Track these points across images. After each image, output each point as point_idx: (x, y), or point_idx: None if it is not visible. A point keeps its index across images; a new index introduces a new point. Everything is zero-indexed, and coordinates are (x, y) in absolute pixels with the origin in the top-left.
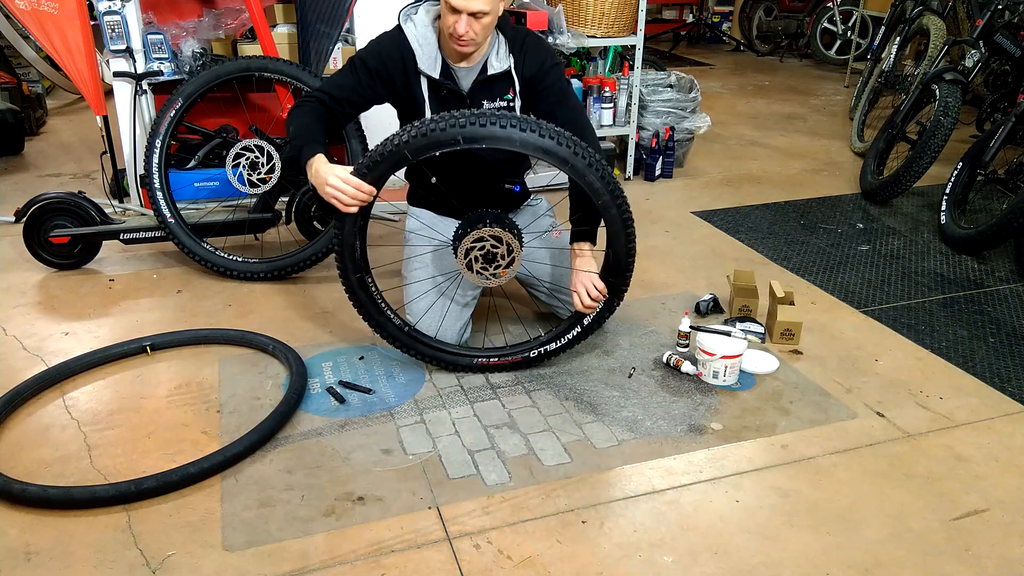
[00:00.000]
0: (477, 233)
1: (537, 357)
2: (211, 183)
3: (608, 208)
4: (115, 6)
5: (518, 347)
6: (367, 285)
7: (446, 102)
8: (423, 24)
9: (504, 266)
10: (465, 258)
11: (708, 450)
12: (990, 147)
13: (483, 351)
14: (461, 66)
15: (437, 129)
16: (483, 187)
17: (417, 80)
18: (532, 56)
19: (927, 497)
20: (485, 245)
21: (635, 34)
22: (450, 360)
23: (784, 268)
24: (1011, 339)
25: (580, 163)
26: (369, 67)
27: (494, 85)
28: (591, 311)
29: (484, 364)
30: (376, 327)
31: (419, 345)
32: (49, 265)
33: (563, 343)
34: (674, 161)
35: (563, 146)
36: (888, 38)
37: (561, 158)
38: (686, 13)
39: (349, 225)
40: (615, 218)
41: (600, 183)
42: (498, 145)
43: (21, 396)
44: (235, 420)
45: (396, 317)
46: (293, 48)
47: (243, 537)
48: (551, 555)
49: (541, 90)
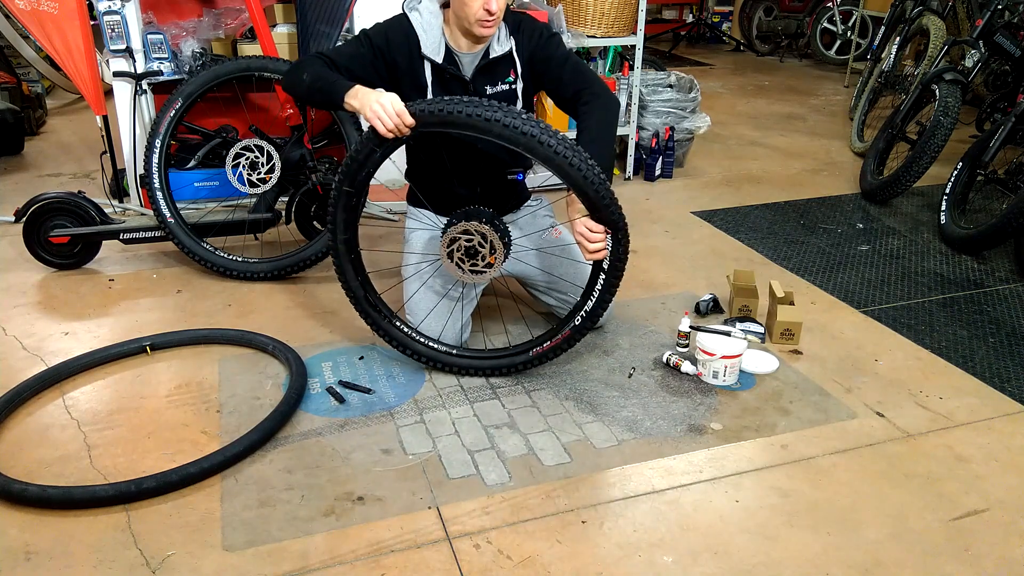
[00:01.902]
0: (466, 225)
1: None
2: (211, 183)
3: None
4: (115, 6)
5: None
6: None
7: (449, 86)
8: (428, 11)
9: (482, 266)
10: (448, 246)
11: (708, 450)
12: (990, 147)
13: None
14: (465, 52)
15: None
16: (487, 175)
17: (421, 65)
18: (528, 33)
19: (927, 497)
20: (473, 240)
21: (635, 34)
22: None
23: (784, 268)
24: (1011, 339)
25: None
26: (374, 44)
27: (495, 69)
28: (601, 256)
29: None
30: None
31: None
32: (49, 265)
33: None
34: (674, 161)
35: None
36: (888, 38)
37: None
38: (686, 13)
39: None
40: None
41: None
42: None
43: (21, 396)
44: (235, 420)
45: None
46: (293, 48)
47: (243, 537)
48: (551, 555)
49: (544, 60)
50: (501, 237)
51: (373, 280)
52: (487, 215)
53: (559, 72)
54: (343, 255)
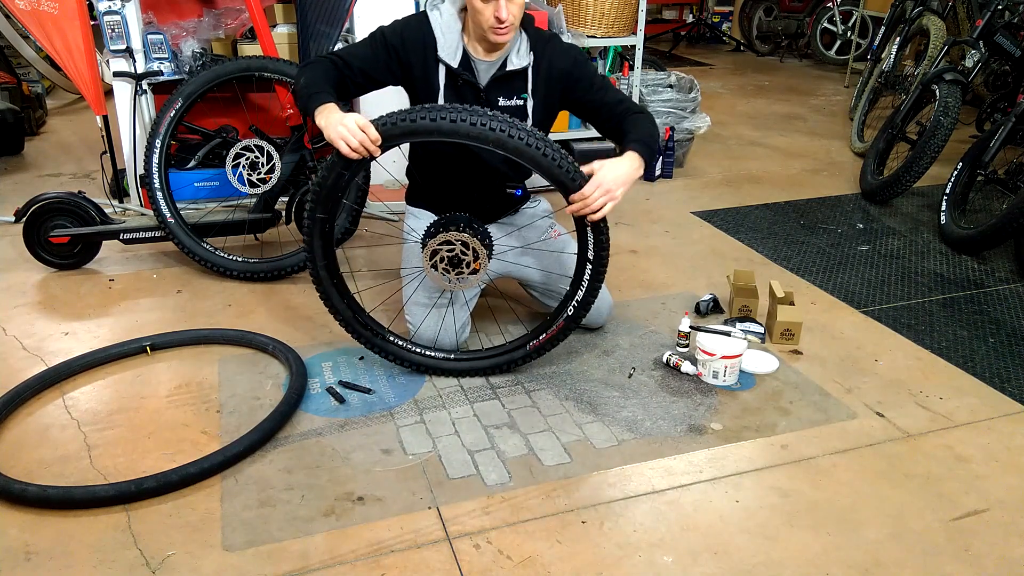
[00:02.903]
0: (445, 236)
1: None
2: (211, 183)
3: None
4: (115, 6)
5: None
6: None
7: (461, 93)
8: (449, 14)
9: (468, 273)
10: (431, 258)
11: (708, 450)
12: (990, 147)
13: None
14: (483, 59)
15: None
16: (484, 189)
17: (435, 67)
18: (560, 59)
19: (927, 497)
20: (454, 249)
21: (635, 34)
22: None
23: (784, 268)
24: (1011, 339)
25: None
26: (389, 44)
27: (512, 82)
28: (604, 212)
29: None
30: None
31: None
32: (49, 265)
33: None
34: (674, 161)
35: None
36: (888, 38)
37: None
38: (686, 13)
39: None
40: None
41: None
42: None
43: (21, 396)
44: (235, 420)
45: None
46: (293, 48)
47: (243, 537)
48: (551, 555)
49: (577, 82)
50: (482, 240)
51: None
52: (464, 220)
53: (601, 96)
54: (326, 281)
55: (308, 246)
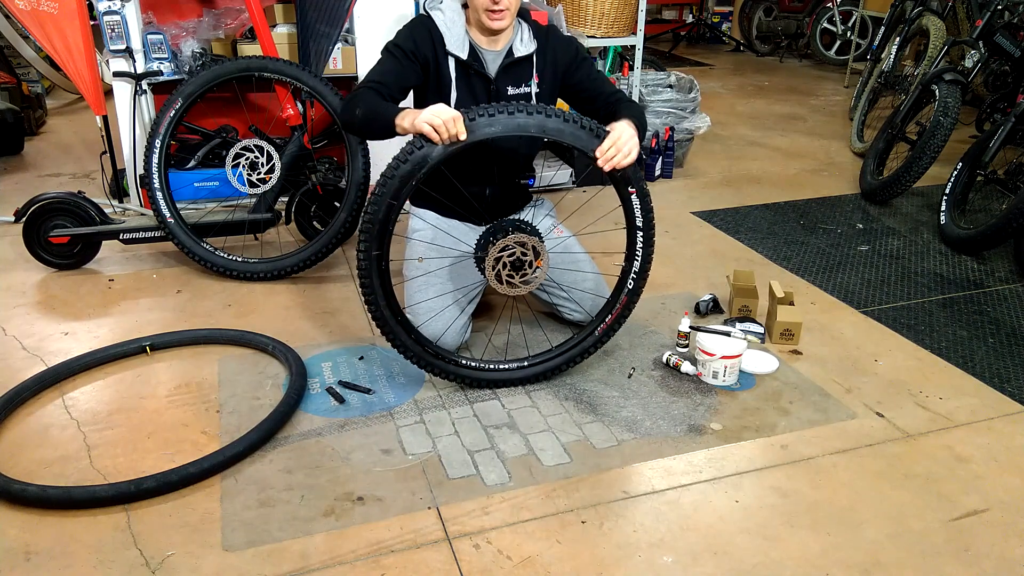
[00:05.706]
0: (504, 242)
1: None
2: (211, 183)
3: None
4: (115, 6)
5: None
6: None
7: (472, 85)
8: (451, 9)
9: (532, 273)
10: (493, 269)
11: (708, 450)
12: (990, 147)
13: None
14: (489, 49)
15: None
16: (501, 180)
17: (446, 61)
18: (563, 47)
19: (927, 497)
20: (514, 252)
21: (635, 34)
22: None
23: (784, 268)
24: (1011, 339)
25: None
26: (404, 49)
27: (519, 71)
28: (632, 157)
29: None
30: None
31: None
32: (49, 265)
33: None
34: (674, 161)
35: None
36: (888, 38)
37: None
38: (686, 13)
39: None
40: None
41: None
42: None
43: (21, 396)
44: (235, 420)
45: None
46: (293, 48)
47: (243, 537)
48: (551, 555)
49: (578, 69)
50: (534, 235)
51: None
52: (512, 223)
53: (599, 87)
54: (391, 321)
55: (367, 288)
